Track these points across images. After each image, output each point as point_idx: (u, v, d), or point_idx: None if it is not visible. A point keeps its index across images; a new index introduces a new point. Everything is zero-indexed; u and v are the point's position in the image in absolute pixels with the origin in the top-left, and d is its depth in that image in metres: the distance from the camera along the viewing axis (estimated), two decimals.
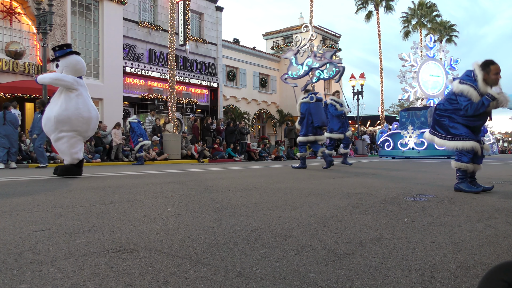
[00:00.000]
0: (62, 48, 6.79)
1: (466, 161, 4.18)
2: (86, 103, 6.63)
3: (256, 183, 5.42)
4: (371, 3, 32.10)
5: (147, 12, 20.63)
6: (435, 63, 20.46)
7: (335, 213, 2.89)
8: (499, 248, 1.93)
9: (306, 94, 9.10)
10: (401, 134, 18.47)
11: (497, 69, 3.95)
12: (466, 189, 4.18)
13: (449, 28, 39.63)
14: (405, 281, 1.46)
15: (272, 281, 1.45)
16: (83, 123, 6.53)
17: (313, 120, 8.84)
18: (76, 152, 6.61)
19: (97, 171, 8.48)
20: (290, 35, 32.20)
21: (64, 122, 6.36)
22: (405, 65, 19.45)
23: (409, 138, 18.11)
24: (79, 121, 6.47)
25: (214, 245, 1.95)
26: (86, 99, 6.67)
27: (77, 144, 6.63)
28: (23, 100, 14.86)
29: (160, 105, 19.74)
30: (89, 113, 6.61)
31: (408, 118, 18.32)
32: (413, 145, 17.95)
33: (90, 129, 6.80)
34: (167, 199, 3.64)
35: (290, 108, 29.47)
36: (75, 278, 1.46)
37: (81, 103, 6.52)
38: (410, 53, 19.47)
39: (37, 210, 2.99)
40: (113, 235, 2.16)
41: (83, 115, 6.49)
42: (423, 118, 17.72)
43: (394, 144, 18.76)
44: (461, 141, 4.14)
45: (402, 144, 18.39)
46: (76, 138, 6.59)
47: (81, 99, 6.53)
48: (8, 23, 15.21)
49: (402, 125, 18.62)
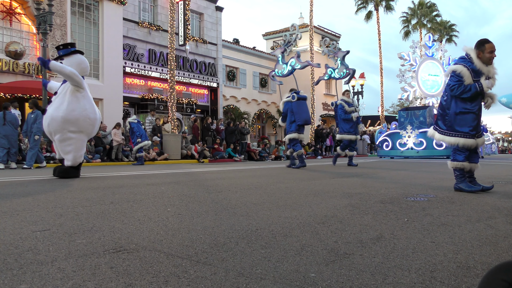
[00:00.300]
0: (67, 47, 6.73)
1: (461, 160, 4.20)
2: (92, 104, 6.62)
3: (256, 183, 5.41)
4: (371, 3, 32.10)
5: (147, 12, 20.63)
6: (434, 62, 20.43)
7: (335, 213, 2.89)
8: (499, 248, 1.93)
9: (289, 93, 9.34)
10: (400, 134, 18.32)
11: (491, 47, 3.96)
12: (466, 188, 4.18)
13: (449, 28, 39.61)
14: (405, 281, 1.46)
15: (272, 281, 1.45)
16: (90, 124, 6.52)
17: (295, 119, 9.07)
18: (80, 155, 6.60)
19: (97, 171, 8.48)
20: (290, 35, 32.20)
21: (71, 122, 6.30)
22: (404, 64, 19.42)
23: (408, 138, 17.95)
24: (86, 122, 6.44)
25: (214, 245, 1.95)
26: (91, 100, 6.66)
27: (82, 147, 6.62)
28: (23, 100, 14.86)
29: (160, 105, 19.74)
30: (95, 115, 6.60)
31: (407, 118, 18.19)
32: (412, 145, 17.80)
33: (95, 130, 6.80)
34: (167, 199, 3.64)
35: None
36: (75, 278, 1.46)
37: (88, 104, 6.51)
38: (409, 52, 19.44)
39: (37, 210, 2.99)
40: (113, 235, 2.16)
41: (90, 116, 6.47)
42: (422, 117, 17.61)
43: (393, 144, 18.63)
44: (463, 138, 4.12)
45: (401, 144, 18.25)
46: (83, 140, 6.57)
47: (87, 100, 6.52)
48: (8, 23, 15.22)
49: (401, 125, 18.48)
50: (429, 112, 17.70)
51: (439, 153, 16.62)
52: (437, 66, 20.63)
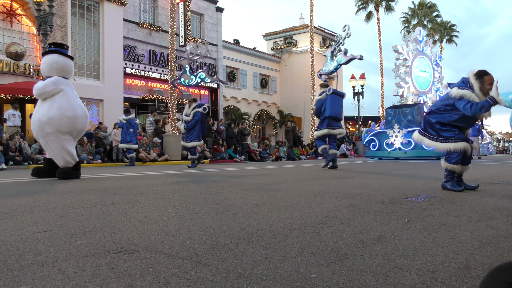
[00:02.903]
0: (50, 46, 6.73)
1: (453, 163, 4.36)
2: (71, 102, 6.43)
3: (257, 183, 5.41)
4: (371, 3, 32.12)
5: (147, 13, 20.65)
6: (424, 58, 20.03)
7: (336, 213, 2.89)
8: (500, 249, 1.93)
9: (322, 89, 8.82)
10: (387, 134, 17.01)
11: (491, 79, 4.15)
12: (450, 187, 4.38)
13: (450, 29, 39.60)
14: (406, 281, 1.46)
15: (273, 282, 1.45)
16: (68, 122, 6.33)
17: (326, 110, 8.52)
18: (70, 155, 6.42)
19: (98, 172, 8.48)
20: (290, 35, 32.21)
21: (47, 123, 6.21)
22: (399, 58, 19.12)
23: (395, 138, 16.73)
24: (63, 121, 6.27)
25: (215, 246, 1.95)
26: (71, 98, 6.49)
27: (68, 146, 6.41)
28: (24, 101, 14.88)
29: (161, 106, 19.75)
30: (74, 112, 6.39)
31: (394, 116, 16.99)
32: (400, 145, 16.56)
33: (77, 128, 6.55)
34: (167, 200, 3.64)
35: (291, 108, 29.50)
36: (76, 279, 1.46)
37: (65, 102, 6.34)
38: (403, 46, 19.10)
39: (38, 211, 2.99)
40: (114, 236, 2.16)
41: (67, 114, 6.30)
42: (410, 116, 16.54)
43: (380, 144, 17.30)
44: (453, 143, 4.31)
45: (388, 144, 16.95)
46: (65, 140, 6.37)
47: (65, 99, 6.36)
48: (9, 25, 15.24)
49: (388, 124, 17.21)
50: (417, 110, 16.79)
51: (428, 154, 15.35)
52: (427, 61, 20.13)
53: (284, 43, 31.88)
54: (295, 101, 29.68)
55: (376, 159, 17.03)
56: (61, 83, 6.42)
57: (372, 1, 31.95)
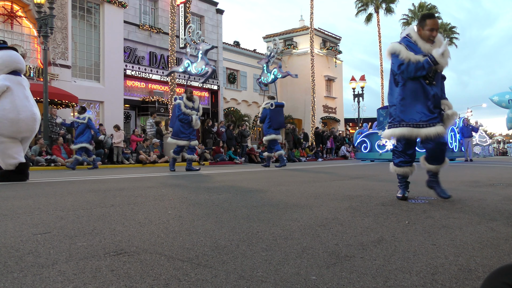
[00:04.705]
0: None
1: (397, 162, 3.68)
2: (15, 104, 5.97)
3: (257, 185, 5.41)
4: (371, 5, 32.18)
5: (147, 15, 20.68)
6: None
7: (336, 215, 2.89)
8: (500, 251, 1.93)
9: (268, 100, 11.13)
10: (379, 135, 16.17)
11: (433, 24, 3.34)
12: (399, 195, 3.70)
13: (450, 30, 39.65)
14: (406, 283, 1.46)
15: (273, 284, 1.45)
16: (9, 125, 5.92)
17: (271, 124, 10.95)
18: (9, 156, 6.05)
19: (98, 174, 8.48)
20: (290, 37, 32.28)
21: None
22: None
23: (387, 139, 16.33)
24: (3, 124, 5.88)
25: (215, 248, 1.95)
26: (17, 98, 6.01)
27: (7, 149, 6.04)
28: None
29: (161, 107, 19.76)
30: (18, 114, 5.95)
31: (386, 117, 16.06)
32: (392, 146, 15.94)
33: (22, 131, 6.09)
34: (167, 202, 3.64)
35: (291, 110, 29.52)
36: (76, 281, 1.46)
37: (10, 104, 5.93)
38: None
39: (38, 213, 2.99)
40: (114, 238, 2.16)
41: (8, 116, 5.89)
42: None
43: (372, 145, 16.74)
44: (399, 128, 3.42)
45: (379, 146, 16.40)
46: (3, 141, 5.99)
47: (9, 99, 5.94)
48: (9, 26, 15.26)
49: (380, 124, 16.31)
50: None
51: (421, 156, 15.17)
52: None
53: (284, 45, 31.92)
54: (295, 102, 29.71)
55: (368, 161, 16.63)
56: (9, 80, 5.97)
57: (372, 3, 32.02)
